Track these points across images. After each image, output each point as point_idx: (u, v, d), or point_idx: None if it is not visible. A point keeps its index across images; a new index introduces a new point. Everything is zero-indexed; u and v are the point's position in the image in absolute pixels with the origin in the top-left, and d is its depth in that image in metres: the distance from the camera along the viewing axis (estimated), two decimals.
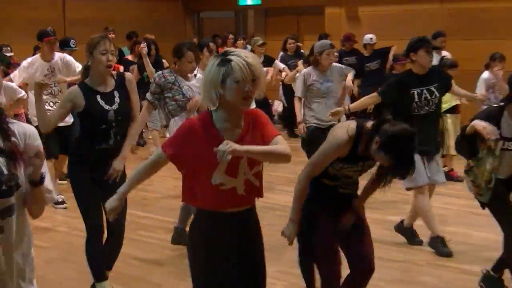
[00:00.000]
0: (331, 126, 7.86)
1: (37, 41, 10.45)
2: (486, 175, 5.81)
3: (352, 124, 4.84)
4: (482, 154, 5.84)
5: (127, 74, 6.28)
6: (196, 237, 4.14)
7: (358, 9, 17.60)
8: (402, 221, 8.12)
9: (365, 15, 17.59)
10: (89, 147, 5.86)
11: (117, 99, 5.97)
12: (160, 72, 8.02)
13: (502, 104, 5.95)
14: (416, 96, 7.44)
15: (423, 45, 7.61)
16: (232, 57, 3.91)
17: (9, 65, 12.32)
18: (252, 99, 3.98)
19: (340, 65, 10.05)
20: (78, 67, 10.05)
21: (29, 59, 10.24)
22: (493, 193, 5.90)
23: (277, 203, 9.46)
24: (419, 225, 8.05)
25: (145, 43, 13.33)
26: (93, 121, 5.85)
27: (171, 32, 19.46)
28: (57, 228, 8.79)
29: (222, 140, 3.87)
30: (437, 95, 7.56)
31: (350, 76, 10.01)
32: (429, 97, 7.51)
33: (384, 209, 8.92)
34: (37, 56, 10.25)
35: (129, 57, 14.81)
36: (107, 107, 5.91)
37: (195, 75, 7.93)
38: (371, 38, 14.91)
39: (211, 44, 9.82)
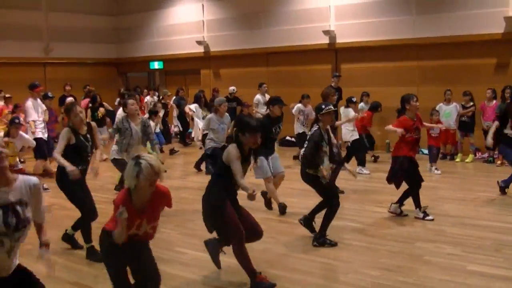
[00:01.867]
0: (224, 146, 8.36)
1: None
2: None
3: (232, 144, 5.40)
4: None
5: (92, 123, 6.74)
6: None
7: (220, 71, 19.74)
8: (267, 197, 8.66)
9: (224, 73, 19.58)
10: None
11: (89, 138, 6.50)
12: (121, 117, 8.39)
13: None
14: (273, 130, 8.43)
15: (278, 103, 8.46)
16: (141, 161, 4.06)
17: None
18: (153, 186, 4.14)
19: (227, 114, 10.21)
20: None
21: None
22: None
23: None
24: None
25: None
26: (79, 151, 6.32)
27: (109, 86, 21.39)
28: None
29: (133, 209, 4.12)
30: (278, 130, 8.52)
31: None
32: (278, 130, 8.51)
33: None
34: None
35: (85, 101, 16.05)
36: (87, 143, 6.45)
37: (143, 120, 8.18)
38: (233, 89, 17.24)
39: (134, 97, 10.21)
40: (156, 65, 21.90)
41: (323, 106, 7.04)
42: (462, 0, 14.38)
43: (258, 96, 16.29)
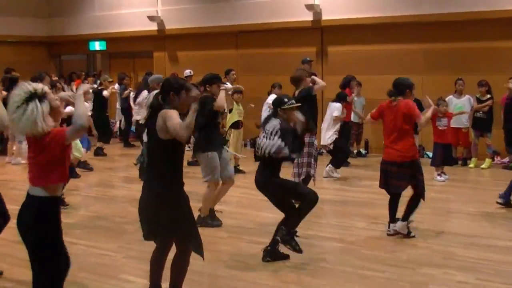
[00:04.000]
0: None
1: None
2: None
3: None
4: None
5: None
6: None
7: (177, 53, 20.17)
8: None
9: (182, 57, 20.01)
10: None
11: None
12: None
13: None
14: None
15: (217, 82, 8.86)
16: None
17: None
18: None
19: None
20: None
21: None
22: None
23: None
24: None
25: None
26: None
27: (37, 71, 20.36)
28: None
29: None
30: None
31: None
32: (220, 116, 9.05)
33: None
34: None
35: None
36: None
37: None
38: (190, 72, 17.55)
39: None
40: (97, 45, 22.10)
41: (286, 100, 7.19)
42: None
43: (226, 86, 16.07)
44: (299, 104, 7.36)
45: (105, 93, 16.00)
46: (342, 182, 12.33)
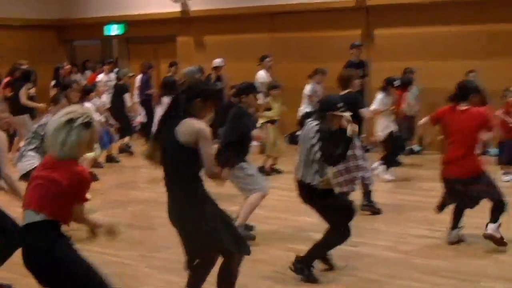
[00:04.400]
0: None
1: None
2: None
3: None
4: None
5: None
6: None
7: (204, 38, 20.05)
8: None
9: (210, 41, 19.93)
10: None
11: None
12: None
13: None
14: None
15: (254, 91, 8.87)
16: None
17: None
18: None
19: None
20: None
21: None
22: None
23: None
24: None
25: None
26: None
27: (47, 59, 21.09)
28: None
29: None
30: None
31: None
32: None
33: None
34: None
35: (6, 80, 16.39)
36: None
37: None
38: (222, 61, 17.26)
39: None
40: (114, 29, 22.06)
41: (339, 105, 7.09)
42: None
43: (262, 73, 16.17)
44: (350, 113, 7.22)
45: (126, 100, 15.87)
46: (394, 184, 12.24)
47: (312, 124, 7.00)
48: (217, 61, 17.43)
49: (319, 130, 6.90)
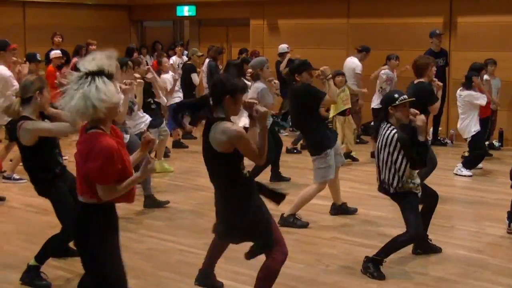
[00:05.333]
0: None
1: None
2: None
3: None
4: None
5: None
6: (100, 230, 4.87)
7: (278, 22, 19.92)
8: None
9: (283, 26, 19.82)
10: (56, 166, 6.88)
11: None
12: None
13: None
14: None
15: (307, 68, 8.91)
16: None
17: None
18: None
19: None
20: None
21: None
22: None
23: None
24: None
25: None
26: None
27: (116, 39, 21.06)
28: (12, 204, 10.11)
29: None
30: None
31: None
32: None
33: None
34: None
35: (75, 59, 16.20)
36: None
37: None
38: (287, 47, 17.29)
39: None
40: (186, 10, 22.20)
41: (396, 95, 7.11)
42: None
43: (355, 60, 15.78)
44: (412, 99, 7.23)
45: (195, 79, 15.79)
46: (472, 180, 12.06)
47: (388, 131, 7.05)
48: (283, 47, 17.47)
49: (399, 139, 6.95)
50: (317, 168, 8.72)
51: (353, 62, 15.61)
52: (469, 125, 12.13)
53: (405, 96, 7.11)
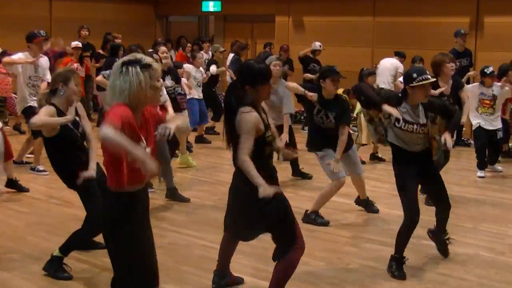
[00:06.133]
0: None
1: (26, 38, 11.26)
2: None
3: None
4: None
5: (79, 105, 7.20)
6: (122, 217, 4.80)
7: (303, 19, 20.00)
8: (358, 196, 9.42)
9: (309, 23, 19.94)
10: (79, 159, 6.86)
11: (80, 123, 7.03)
12: None
13: (400, 95, 7.00)
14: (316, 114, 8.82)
15: (331, 75, 8.68)
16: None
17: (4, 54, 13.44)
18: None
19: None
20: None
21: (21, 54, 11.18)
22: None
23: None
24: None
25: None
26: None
27: (142, 33, 21.40)
28: (36, 196, 10.15)
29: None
30: (333, 120, 8.71)
31: None
32: (326, 119, 8.76)
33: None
34: (27, 53, 11.27)
35: (101, 51, 17.23)
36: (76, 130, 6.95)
37: None
38: (319, 45, 17.33)
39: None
40: (211, 6, 22.29)
41: (415, 75, 6.85)
42: None
43: (395, 61, 15.85)
44: (433, 80, 7.08)
45: (212, 68, 15.74)
46: (495, 181, 12.01)
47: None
48: (316, 45, 17.40)
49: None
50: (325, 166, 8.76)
51: (394, 62, 15.66)
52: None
53: (424, 77, 6.82)
